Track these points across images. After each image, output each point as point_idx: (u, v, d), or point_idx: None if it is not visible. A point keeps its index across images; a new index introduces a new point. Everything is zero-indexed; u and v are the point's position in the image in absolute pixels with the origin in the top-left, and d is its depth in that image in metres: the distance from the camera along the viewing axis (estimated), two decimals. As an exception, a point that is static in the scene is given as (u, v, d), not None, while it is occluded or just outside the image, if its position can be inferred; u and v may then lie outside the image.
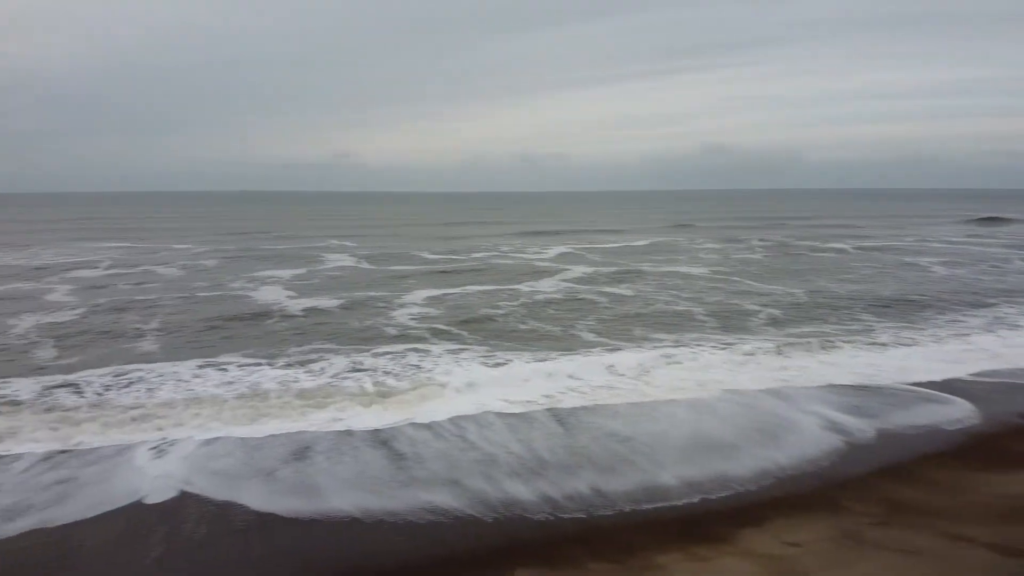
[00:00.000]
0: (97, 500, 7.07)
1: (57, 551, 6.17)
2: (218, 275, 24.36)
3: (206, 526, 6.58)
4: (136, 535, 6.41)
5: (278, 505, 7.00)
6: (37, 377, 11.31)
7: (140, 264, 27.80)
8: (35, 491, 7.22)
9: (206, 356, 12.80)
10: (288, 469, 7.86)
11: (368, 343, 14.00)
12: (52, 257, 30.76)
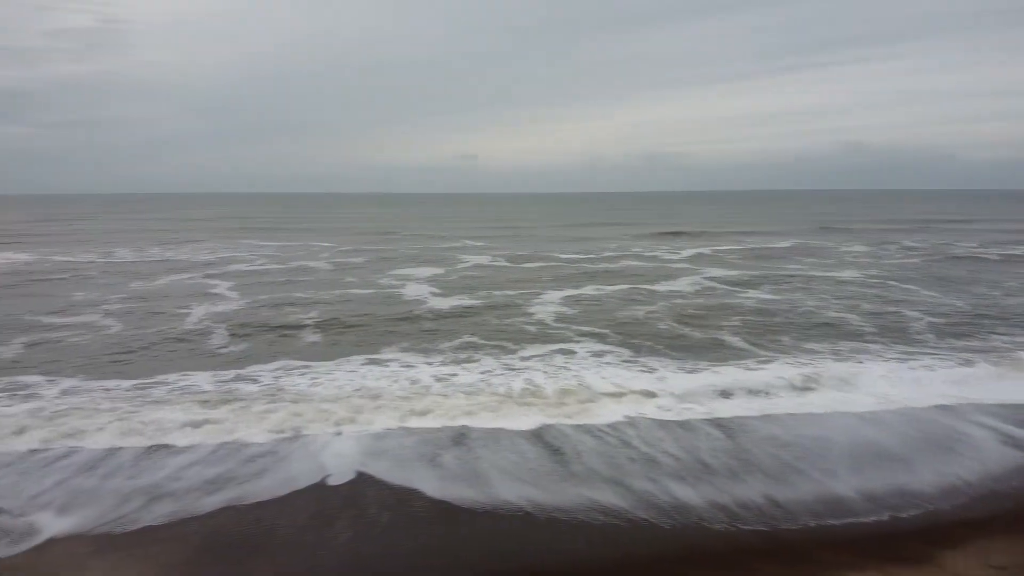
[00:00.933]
0: (282, 481, 7.51)
1: (254, 528, 6.56)
2: (364, 272, 25.41)
3: (388, 512, 6.85)
4: (323, 516, 6.75)
5: (451, 494, 7.20)
6: (214, 371, 12.08)
7: (291, 260, 29.43)
8: (222, 474, 7.73)
9: (366, 351, 13.34)
10: (455, 461, 8.06)
11: (513, 342, 14.17)
12: (210, 253, 33.14)
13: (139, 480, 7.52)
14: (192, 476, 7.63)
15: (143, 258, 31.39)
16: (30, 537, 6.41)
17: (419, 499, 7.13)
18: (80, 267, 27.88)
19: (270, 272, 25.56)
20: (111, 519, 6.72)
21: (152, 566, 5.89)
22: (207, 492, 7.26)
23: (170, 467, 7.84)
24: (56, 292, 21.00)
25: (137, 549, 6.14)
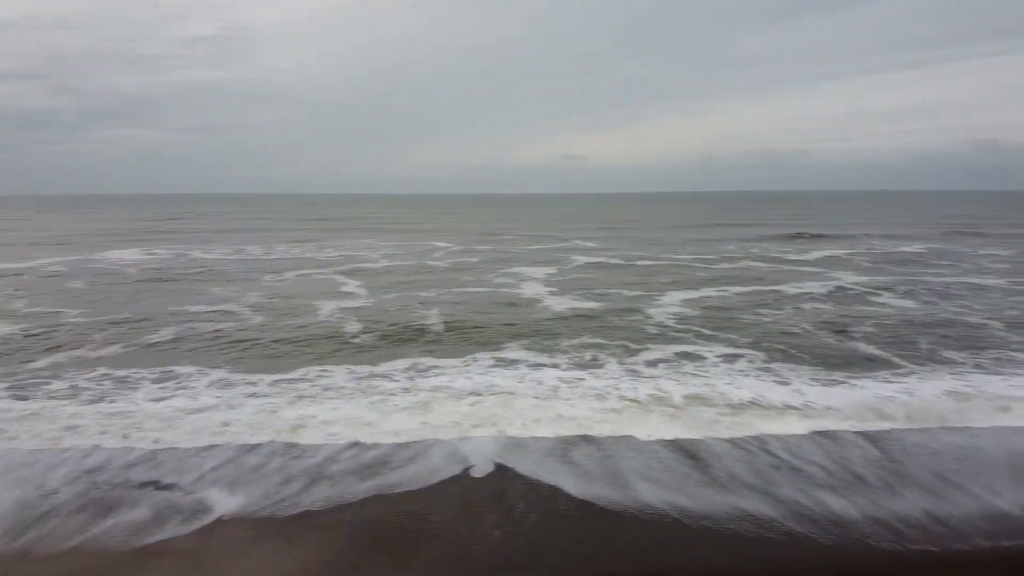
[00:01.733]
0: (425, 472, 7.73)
1: (406, 518, 6.75)
2: (480, 272, 25.78)
3: (533, 508, 6.90)
4: (471, 510, 6.89)
5: (593, 494, 7.19)
6: (349, 365, 12.50)
7: (409, 259, 30.23)
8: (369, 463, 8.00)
9: (490, 349, 13.50)
10: (591, 462, 8.03)
11: (635, 343, 14.01)
12: (333, 251, 34.49)
13: (298, 463, 7.91)
14: (344, 463, 7.96)
15: (270, 255, 33.02)
16: (201, 516, 6.83)
17: (562, 497, 7.15)
18: (214, 263, 29.63)
19: (392, 270, 26.33)
20: (275, 500, 7.10)
21: (311, 553, 6.12)
22: (360, 478, 7.57)
23: (322, 454, 8.21)
24: (195, 287, 22.38)
25: (297, 536, 6.41)
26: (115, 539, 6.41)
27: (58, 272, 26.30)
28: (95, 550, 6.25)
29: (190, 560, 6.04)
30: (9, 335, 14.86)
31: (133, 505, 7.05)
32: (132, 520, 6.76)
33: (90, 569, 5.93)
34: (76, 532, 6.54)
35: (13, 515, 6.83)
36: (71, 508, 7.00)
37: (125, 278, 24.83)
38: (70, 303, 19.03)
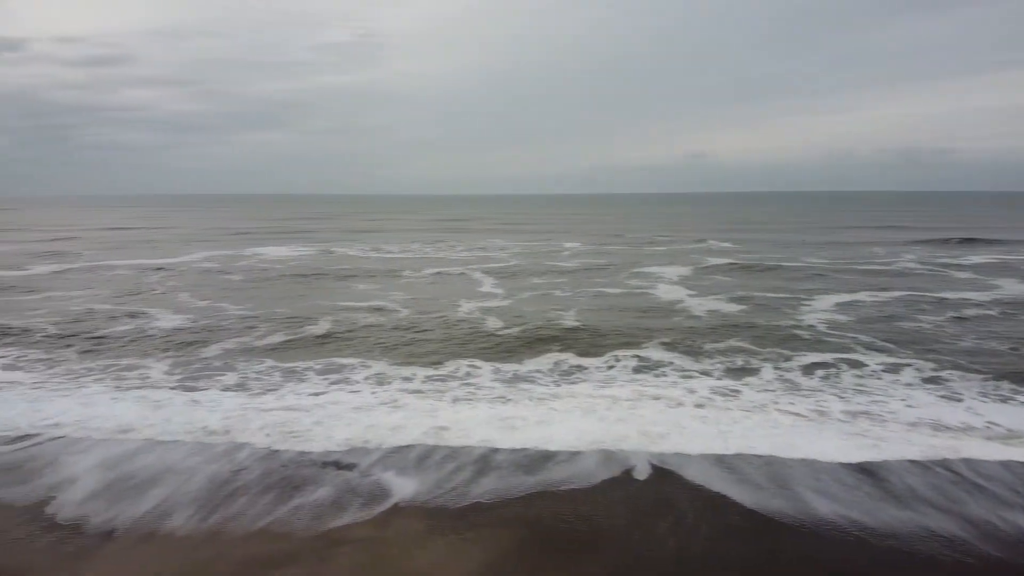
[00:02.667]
0: (586, 471, 7.74)
1: (574, 519, 6.78)
2: (613, 272, 25.61)
3: (703, 516, 6.77)
4: (639, 513, 6.83)
5: (763, 505, 6.97)
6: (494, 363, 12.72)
7: (540, 260, 30.43)
8: (530, 460, 8.09)
9: (632, 350, 13.38)
10: (757, 473, 7.76)
11: (789, 349, 13.46)
12: (466, 250, 35.21)
13: (464, 456, 8.16)
14: (505, 456, 8.17)
15: (405, 253, 34.14)
16: (380, 501, 7.13)
17: (731, 506, 6.95)
18: (355, 260, 30.98)
19: (524, 270, 26.57)
20: (446, 489, 7.36)
21: (485, 550, 6.21)
22: (524, 472, 7.76)
23: (483, 448, 8.39)
24: (342, 282, 23.46)
25: (469, 531, 6.55)
26: (300, 522, 6.78)
27: (212, 268, 28.25)
28: (281, 532, 6.63)
29: (371, 550, 6.28)
30: (180, 326, 16.08)
31: (317, 485, 7.49)
32: (315, 501, 7.15)
33: (277, 553, 6.26)
34: (264, 513, 6.97)
35: (204, 496, 7.36)
36: (257, 488, 7.49)
37: (275, 273, 26.37)
38: (229, 297, 20.39)
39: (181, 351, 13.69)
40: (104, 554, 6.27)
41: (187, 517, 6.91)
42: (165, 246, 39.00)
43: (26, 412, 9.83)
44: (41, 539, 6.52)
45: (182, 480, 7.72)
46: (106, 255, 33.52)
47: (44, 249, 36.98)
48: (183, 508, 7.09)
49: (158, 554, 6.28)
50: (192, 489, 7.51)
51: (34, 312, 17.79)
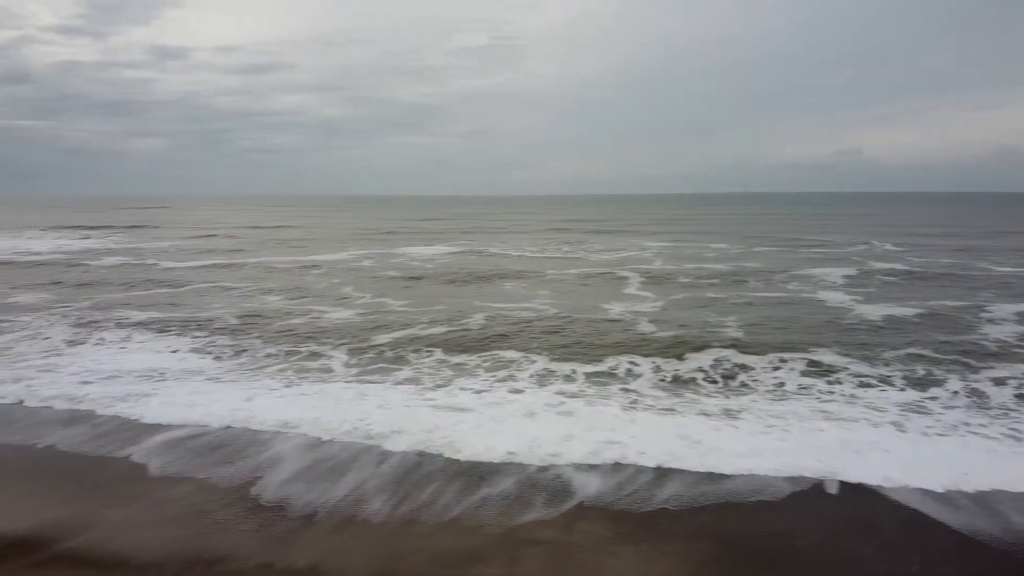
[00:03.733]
0: (768, 480, 7.45)
1: (769, 535, 6.52)
2: (767, 275, 24.56)
3: (914, 542, 6.31)
4: (839, 533, 6.47)
5: (969, 526, 6.43)
6: (654, 364, 12.53)
7: (686, 262, 29.70)
8: (710, 467, 7.85)
9: (799, 352, 12.76)
10: (966, 499, 7.13)
11: (976, 359, 12.43)
12: (608, 251, 34.88)
13: (642, 459, 8.04)
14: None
15: (548, 253, 34.32)
16: (564, 499, 7.16)
17: (940, 529, 6.44)
18: (500, 259, 31.48)
19: (672, 273, 25.96)
20: (629, 491, 7.32)
21: (680, 565, 6.04)
22: (706, 480, 7.58)
23: (661, 452, 8.24)
24: (491, 280, 23.87)
25: (659, 541, 6.41)
26: (488, 516, 6.90)
27: (368, 265, 29.56)
28: (471, 525, 6.76)
29: (560, 553, 6.26)
30: (350, 320, 16.91)
31: (500, 476, 7.70)
32: (501, 494, 7.28)
33: (469, 549, 6.36)
34: (452, 504, 7.15)
35: (395, 483, 7.64)
36: (443, 477, 7.74)
37: (426, 271, 27.26)
38: (388, 293, 21.26)
39: (355, 343, 14.30)
40: (307, 538, 6.60)
41: (382, 503, 7.21)
42: (320, 244, 41.22)
43: (223, 399, 10.62)
44: (246, 521, 6.94)
45: (373, 465, 8.09)
46: (267, 251, 35.89)
47: (210, 245, 40.14)
48: (377, 495, 7.40)
49: (358, 541, 6.54)
50: (384, 474, 7.85)
51: (214, 304, 19.29)
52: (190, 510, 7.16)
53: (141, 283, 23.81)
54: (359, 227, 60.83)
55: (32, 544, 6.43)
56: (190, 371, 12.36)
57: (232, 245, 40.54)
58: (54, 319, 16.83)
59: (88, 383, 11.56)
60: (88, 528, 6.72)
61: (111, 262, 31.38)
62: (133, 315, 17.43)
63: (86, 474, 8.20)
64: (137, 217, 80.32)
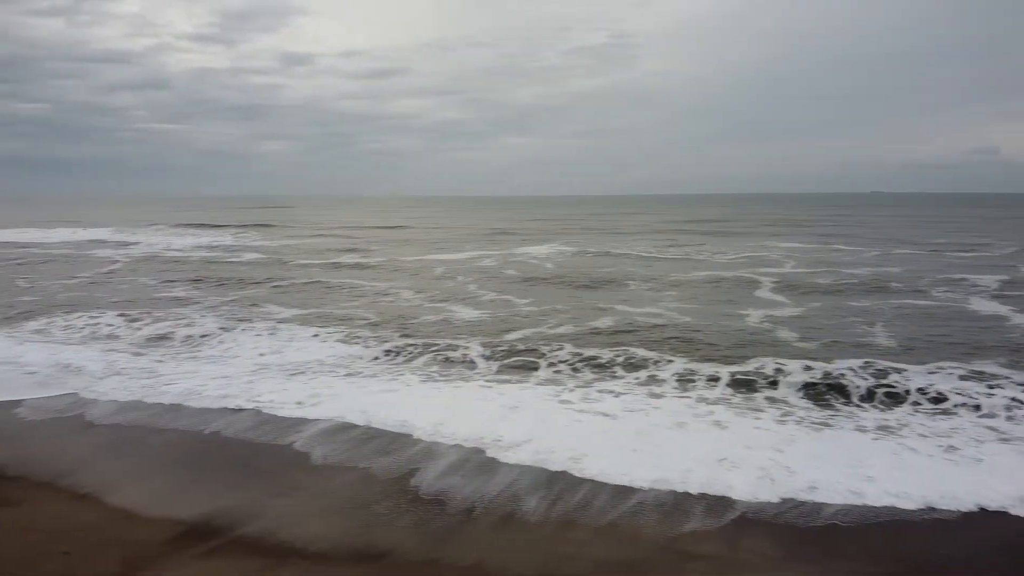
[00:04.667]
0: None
1: (951, 556, 6.06)
2: (911, 280, 23.04)
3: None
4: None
5: None
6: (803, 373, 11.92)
7: (820, 264, 28.34)
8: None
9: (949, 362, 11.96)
10: None
11: None
12: (733, 252, 33.70)
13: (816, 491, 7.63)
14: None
15: (668, 254, 33.62)
16: (723, 509, 6.93)
17: None
18: (619, 259, 31.12)
19: (805, 276, 24.81)
20: (793, 505, 7.03)
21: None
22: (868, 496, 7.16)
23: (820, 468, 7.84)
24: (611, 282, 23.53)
25: (833, 562, 6.09)
26: (645, 523, 6.76)
27: (490, 265, 29.89)
28: (628, 534, 6.63)
29: (725, 570, 6.04)
30: (480, 319, 17.13)
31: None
32: (655, 500, 7.14)
33: (629, 559, 6.23)
34: (608, 508, 7.06)
35: (547, 481, 7.63)
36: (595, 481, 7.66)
37: (546, 271, 27.33)
38: (513, 291, 21.41)
39: (490, 341, 14.35)
40: (468, 534, 6.66)
41: (536, 502, 7.22)
42: (441, 243, 42.08)
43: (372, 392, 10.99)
44: (408, 514, 7.07)
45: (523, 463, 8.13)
46: (391, 250, 36.96)
47: (338, 244, 41.78)
48: (531, 493, 7.43)
49: (517, 542, 6.54)
50: (534, 472, 7.86)
51: (352, 301, 20.02)
52: (352, 501, 7.40)
53: (279, 279, 24.97)
54: (474, 227, 61.68)
55: (209, 530, 6.73)
56: (338, 365, 12.84)
57: (357, 244, 42.00)
58: (205, 312, 17.90)
59: (242, 374, 12.22)
60: (258, 516, 7.02)
61: (248, 259, 33.19)
62: (276, 310, 18.31)
63: (250, 461, 8.64)
64: (267, 216, 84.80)
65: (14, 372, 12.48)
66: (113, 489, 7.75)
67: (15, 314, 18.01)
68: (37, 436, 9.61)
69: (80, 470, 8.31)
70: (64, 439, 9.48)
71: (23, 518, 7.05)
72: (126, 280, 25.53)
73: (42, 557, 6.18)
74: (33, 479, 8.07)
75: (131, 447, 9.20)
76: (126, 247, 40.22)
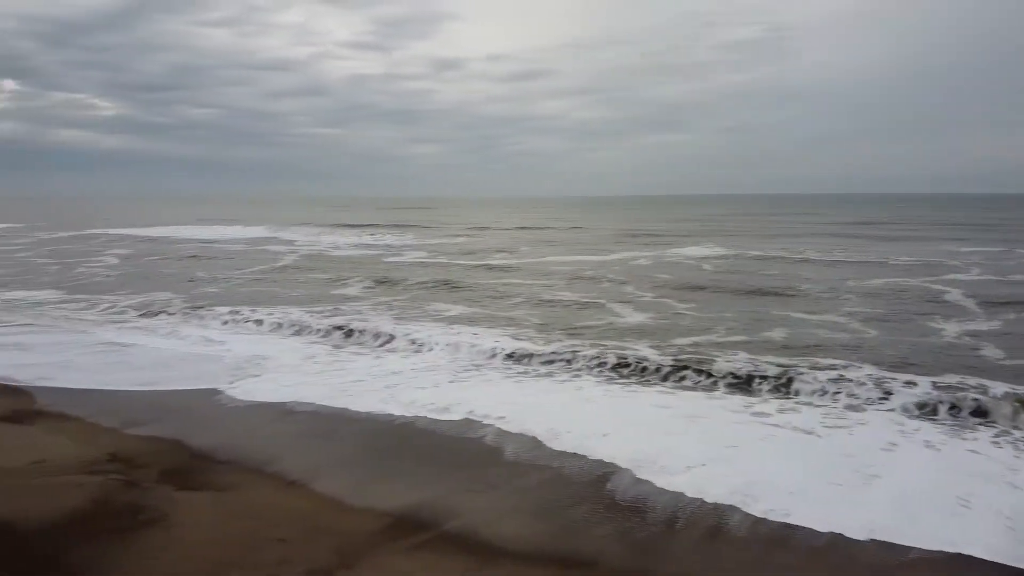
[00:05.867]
0: None
1: None
2: None
3: None
4: None
5: None
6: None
7: (1013, 271, 25.72)
8: None
9: None
10: None
11: None
12: (906, 254, 31.00)
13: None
14: None
15: (833, 257, 31.57)
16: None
17: None
18: (782, 262, 29.61)
19: (991, 284, 22.51)
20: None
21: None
22: None
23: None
24: (780, 287, 22.26)
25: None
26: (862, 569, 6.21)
27: (643, 265, 29.38)
28: (844, 558, 6.14)
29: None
30: (643, 323, 16.76)
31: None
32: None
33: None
34: (812, 537, 6.58)
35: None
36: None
37: (704, 273, 26.46)
38: (672, 295, 20.78)
39: (660, 346, 13.99)
40: (674, 549, 6.41)
41: (742, 516, 6.84)
42: (588, 244, 41.78)
43: (552, 392, 11.01)
44: (608, 522, 6.88)
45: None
46: (541, 251, 37.10)
47: (489, 244, 42.45)
48: (732, 510, 7.05)
49: (727, 559, 6.23)
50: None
51: (512, 300, 20.24)
52: (549, 502, 7.33)
53: (441, 278, 25.61)
54: (619, 227, 60.81)
55: (415, 524, 6.79)
56: (512, 364, 12.96)
57: (504, 244, 42.47)
58: (380, 310, 18.61)
59: (418, 370, 12.58)
60: (458, 512, 7.04)
61: (409, 258, 34.35)
62: (445, 308, 18.74)
63: (443, 455, 8.76)
64: (420, 216, 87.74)
65: (212, 362, 13.47)
66: (318, 477, 8.05)
67: (203, 304, 19.43)
68: (239, 423, 10.19)
69: (284, 457, 8.69)
70: (265, 427, 10.00)
71: (238, 503, 7.35)
72: (299, 277, 27.10)
73: (260, 543, 6.37)
74: (242, 464, 8.52)
75: (328, 436, 9.58)
76: (292, 244, 42.83)
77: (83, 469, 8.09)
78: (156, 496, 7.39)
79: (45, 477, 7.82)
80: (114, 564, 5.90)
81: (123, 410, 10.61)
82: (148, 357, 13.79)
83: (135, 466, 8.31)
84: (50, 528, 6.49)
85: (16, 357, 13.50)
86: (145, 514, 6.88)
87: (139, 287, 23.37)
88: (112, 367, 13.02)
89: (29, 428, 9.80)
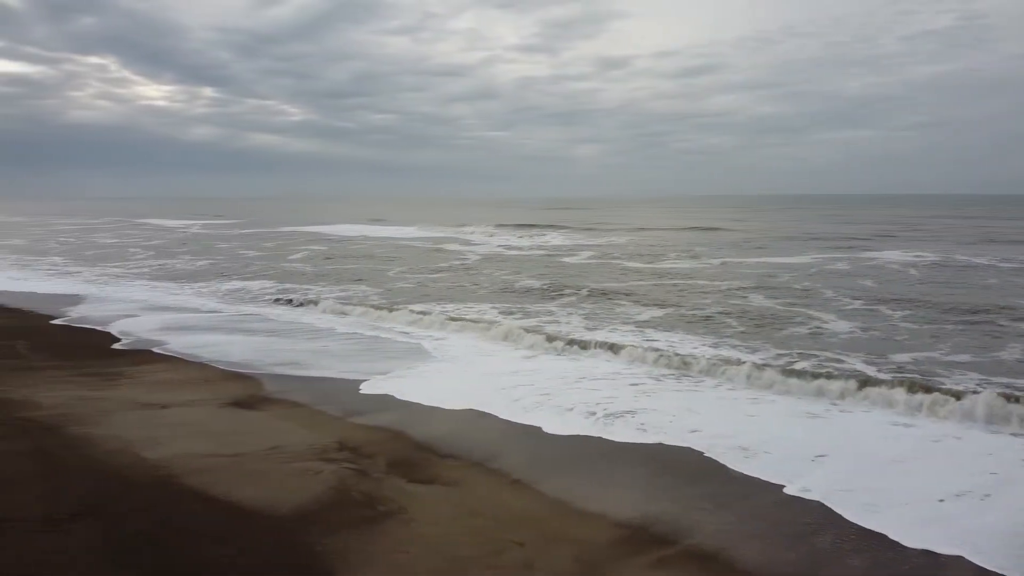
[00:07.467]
0: None
1: None
2: None
3: None
4: None
5: None
6: None
7: None
8: None
9: None
10: None
11: None
12: None
13: None
14: None
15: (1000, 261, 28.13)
16: None
17: None
18: (1001, 272, 26.44)
19: None
20: None
21: None
22: None
23: None
24: (1007, 301, 19.95)
25: None
26: None
27: (842, 269, 27.40)
28: None
29: None
30: (853, 333, 15.49)
31: None
32: None
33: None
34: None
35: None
36: None
37: (911, 280, 24.23)
38: (879, 303, 19.12)
39: (877, 360, 12.94)
40: None
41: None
42: (768, 245, 39.70)
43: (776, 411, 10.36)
44: (857, 552, 6.31)
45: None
46: (718, 251, 35.70)
47: (658, 244, 41.42)
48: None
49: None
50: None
51: (703, 302, 19.64)
52: (786, 526, 6.83)
53: (621, 279, 25.28)
54: (805, 228, 57.32)
55: (652, 538, 6.50)
56: (718, 375, 12.35)
57: (678, 244, 41.30)
58: (570, 311, 18.56)
59: (614, 375, 12.31)
60: (694, 530, 6.60)
61: (583, 258, 34.21)
62: (635, 312, 18.37)
63: (666, 465, 8.41)
64: (586, 216, 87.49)
65: (422, 356, 14.08)
66: (539, 478, 7.94)
67: (400, 301, 20.40)
68: (451, 417, 10.28)
69: (502, 454, 8.66)
70: (476, 421, 10.10)
71: (468, 499, 7.37)
72: (483, 275, 27.71)
73: (499, 544, 6.30)
74: (464, 459, 8.54)
75: (535, 436, 9.47)
76: (470, 245, 44.01)
77: (316, 456, 8.47)
78: (390, 487, 7.57)
79: (282, 463, 8.23)
80: (363, 556, 6.00)
81: (343, 399, 11.12)
82: (360, 346, 14.76)
83: (362, 455, 8.56)
84: (299, 515, 6.77)
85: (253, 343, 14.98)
86: (384, 505, 7.06)
87: (336, 279, 25.26)
88: (336, 356, 14.08)
89: (262, 414, 10.43)
